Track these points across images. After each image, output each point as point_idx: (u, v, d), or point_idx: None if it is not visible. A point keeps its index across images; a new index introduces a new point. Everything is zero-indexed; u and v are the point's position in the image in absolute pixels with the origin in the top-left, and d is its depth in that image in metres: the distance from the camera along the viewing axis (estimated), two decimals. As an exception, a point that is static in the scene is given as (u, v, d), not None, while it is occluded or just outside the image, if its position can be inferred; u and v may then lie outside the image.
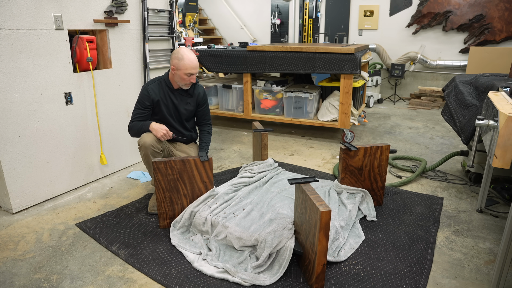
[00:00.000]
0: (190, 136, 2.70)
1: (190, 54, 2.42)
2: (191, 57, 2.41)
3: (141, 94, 2.52)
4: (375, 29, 6.54)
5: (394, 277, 1.86)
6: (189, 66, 2.40)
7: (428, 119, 5.18)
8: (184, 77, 2.43)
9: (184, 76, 2.43)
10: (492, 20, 5.66)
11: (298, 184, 1.89)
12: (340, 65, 3.69)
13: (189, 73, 2.42)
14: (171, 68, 2.46)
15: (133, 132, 2.53)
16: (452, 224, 2.39)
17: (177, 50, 2.45)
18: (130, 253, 2.06)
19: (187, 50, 2.44)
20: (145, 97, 2.49)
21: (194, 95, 2.62)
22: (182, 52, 2.41)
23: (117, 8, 2.98)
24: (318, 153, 3.76)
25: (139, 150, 2.44)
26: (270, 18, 7.31)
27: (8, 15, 2.32)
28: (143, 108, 2.50)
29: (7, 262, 2.02)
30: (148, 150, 2.37)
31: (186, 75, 2.42)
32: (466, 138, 2.56)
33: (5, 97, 2.37)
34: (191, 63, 2.40)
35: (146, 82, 2.58)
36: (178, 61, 2.40)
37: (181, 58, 2.39)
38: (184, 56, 2.39)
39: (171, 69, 2.47)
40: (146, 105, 2.49)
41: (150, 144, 2.36)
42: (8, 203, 2.52)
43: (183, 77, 2.43)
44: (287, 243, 1.86)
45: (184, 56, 2.39)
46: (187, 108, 2.61)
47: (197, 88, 2.64)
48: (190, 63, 2.40)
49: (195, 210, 2.24)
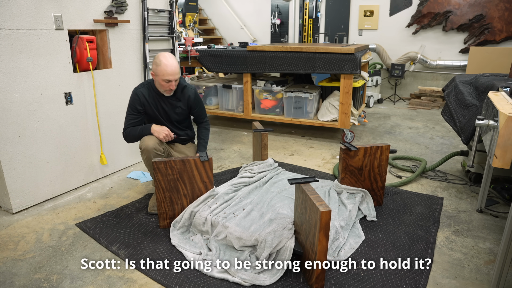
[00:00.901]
0: (186, 134, 2.66)
1: (169, 60, 2.31)
2: (169, 62, 2.30)
3: (131, 98, 2.45)
4: (375, 29, 6.54)
5: (394, 277, 1.86)
6: (166, 72, 2.29)
7: (428, 119, 5.18)
8: (163, 83, 2.34)
9: (162, 83, 2.34)
10: (492, 20, 5.66)
11: (298, 184, 1.89)
12: (340, 65, 3.69)
13: (167, 80, 2.31)
14: (151, 73, 2.38)
15: (129, 139, 2.48)
16: (452, 224, 2.39)
17: (157, 55, 2.35)
18: (130, 253, 2.06)
19: (167, 55, 2.34)
20: (136, 102, 2.43)
21: (184, 99, 2.53)
22: (161, 57, 2.31)
23: (117, 8, 2.98)
24: (318, 153, 3.76)
25: (141, 153, 2.42)
26: (270, 18, 7.31)
27: (8, 15, 2.32)
28: (136, 113, 2.44)
29: (7, 262, 2.02)
30: (151, 153, 2.35)
31: (164, 81, 2.32)
32: (466, 138, 2.56)
33: (5, 97, 2.37)
34: (168, 69, 2.29)
35: (136, 86, 2.51)
36: (156, 66, 2.31)
37: (159, 64, 2.29)
38: (162, 62, 2.29)
39: (152, 75, 2.39)
40: (138, 109, 2.44)
41: (153, 147, 2.34)
42: (8, 203, 2.52)
43: (162, 83, 2.34)
44: (287, 243, 1.86)
45: (161, 61, 2.29)
46: (177, 111, 2.53)
47: (186, 91, 2.53)
48: (167, 69, 2.29)
49: (195, 210, 2.24)
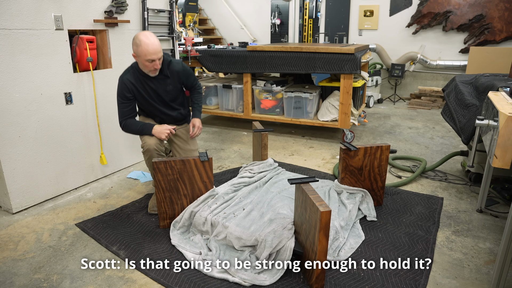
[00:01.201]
0: (179, 114, 2.58)
1: (150, 38, 2.20)
2: (150, 41, 2.19)
3: (119, 87, 2.37)
4: (375, 29, 6.54)
5: (394, 277, 1.86)
6: (147, 52, 2.19)
7: (428, 119, 5.18)
8: (146, 64, 2.24)
9: (145, 63, 2.24)
10: (492, 20, 5.66)
11: (298, 184, 1.89)
12: (340, 65, 3.69)
13: (150, 59, 2.22)
14: (132, 55, 2.29)
15: (128, 131, 2.43)
16: (452, 224, 2.39)
17: (135, 35, 2.24)
18: (130, 253, 2.06)
19: (147, 33, 2.23)
20: (124, 90, 2.35)
21: (173, 75, 2.44)
22: (140, 37, 2.20)
23: (117, 8, 2.98)
24: (318, 153, 3.76)
25: (143, 153, 2.42)
26: (270, 18, 7.31)
27: (8, 15, 2.32)
28: (126, 101, 2.37)
29: (7, 262, 2.02)
30: (153, 153, 2.35)
31: (147, 61, 2.23)
32: (466, 138, 2.56)
33: (5, 97, 2.37)
34: (149, 48, 2.18)
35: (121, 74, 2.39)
36: (136, 47, 2.21)
37: (139, 44, 2.19)
38: (142, 41, 2.18)
39: (133, 56, 2.29)
40: (128, 97, 2.36)
41: (154, 148, 2.35)
42: (8, 203, 2.52)
43: (145, 64, 2.24)
44: (287, 243, 1.86)
45: (142, 41, 2.18)
46: (168, 89, 2.44)
47: (173, 67, 2.43)
48: (148, 49, 2.18)
49: (195, 210, 2.24)
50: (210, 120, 5.15)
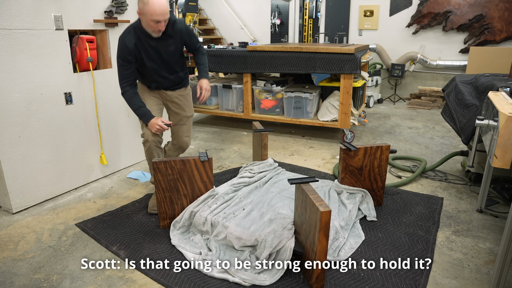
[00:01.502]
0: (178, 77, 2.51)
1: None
2: (158, 1, 2.09)
3: (120, 49, 2.23)
4: (375, 29, 6.54)
5: (394, 277, 1.86)
6: (154, 12, 2.09)
7: (428, 119, 5.18)
8: (151, 24, 2.15)
9: (150, 23, 2.14)
10: (492, 20, 5.66)
11: (298, 184, 1.89)
12: (340, 65, 3.69)
13: (156, 20, 2.12)
14: (137, 12, 2.17)
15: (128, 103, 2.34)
16: (452, 224, 2.39)
17: None
18: (130, 253, 2.06)
19: None
20: (126, 52, 2.22)
21: (176, 34, 2.34)
22: None
23: (117, 8, 2.98)
24: (318, 153, 3.76)
25: (143, 144, 2.45)
26: (270, 18, 7.31)
27: (8, 15, 2.32)
28: (127, 64, 2.24)
29: (7, 262, 2.02)
30: (151, 144, 2.40)
31: (152, 21, 2.13)
32: (466, 138, 2.56)
33: (5, 97, 2.37)
34: (156, 8, 2.09)
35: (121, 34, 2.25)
36: (143, 5, 2.11)
37: (146, 2, 2.09)
38: (150, 0, 2.08)
39: (138, 13, 2.18)
40: (129, 59, 2.23)
41: (152, 139, 2.40)
42: (8, 203, 2.52)
43: (150, 23, 2.15)
44: (287, 243, 1.86)
45: (149, 2, 2.09)
46: (171, 49, 2.34)
47: (176, 25, 2.34)
48: (155, 8, 2.08)
49: (195, 210, 2.24)
50: (210, 120, 5.15)
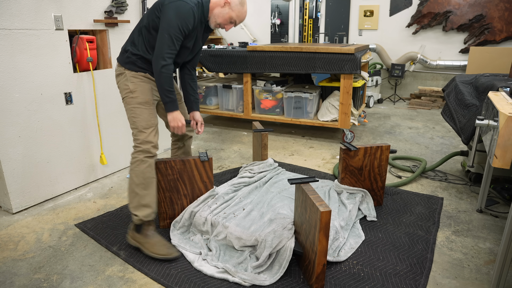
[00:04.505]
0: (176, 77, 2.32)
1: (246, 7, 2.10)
2: (246, 9, 2.09)
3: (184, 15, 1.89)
4: (375, 29, 6.54)
5: (394, 277, 1.86)
6: (242, 15, 2.06)
7: (428, 119, 5.18)
8: (227, 19, 2.04)
9: (227, 19, 2.04)
10: (492, 20, 5.66)
11: (298, 184, 1.89)
12: (340, 65, 3.69)
13: (234, 21, 2.07)
14: (225, 1, 2.01)
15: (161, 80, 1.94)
16: (452, 224, 2.39)
17: None
18: (130, 253, 2.06)
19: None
20: (190, 22, 1.92)
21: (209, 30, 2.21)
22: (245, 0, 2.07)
23: (117, 8, 2.98)
24: (318, 153, 3.76)
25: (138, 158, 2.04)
26: (270, 18, 7.31)
27: (8, 15, 2.32)
28: (182, 37, 1.93)
29: (7, 262, 2.02)
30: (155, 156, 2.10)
31: (230, 20, 2.05)
32: (466, 138, 2.56)
33: (5, 97, 2.37)
34: (245, 14, 2.08)
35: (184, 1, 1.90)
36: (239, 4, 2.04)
37: (243, 4, 2.04)
38: (245, 6, 2.05)
39: (224, 2, 2.01)
40: (186, 32, 1.94)
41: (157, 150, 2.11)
42: (8, 203, 2.52)
43: (227, 18, 2.04)
44: (287, 243, 1.86)
45: (245, 5, 2.05)
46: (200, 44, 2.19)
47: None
48: (244, 13, 2.07)
49: (195, 210, 2.24)
50: (210, 120, 5.15)
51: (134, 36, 2.05)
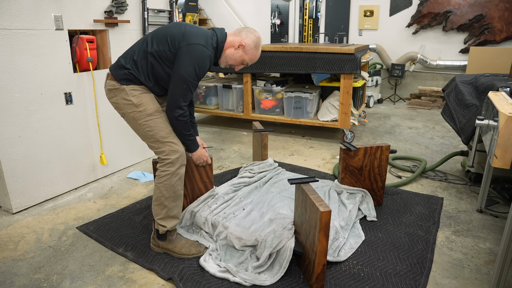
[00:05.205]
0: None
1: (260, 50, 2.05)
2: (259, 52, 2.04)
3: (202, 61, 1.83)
4: (375, 29, 6.54)
5: (394, 277, 1.86)
6: (254, 58, 2.00)
7: (428, 119, 5.18)
8: (238, 61, 1.99)
9: (239, 60, 1.98)
10: (492, 20, 5.66)
11: (298, 184, 1.89)
12: (340, 65, 3.69)
13: (246, 63, 2.01)
14: (240, 43, 1.94)
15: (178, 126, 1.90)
16: (452, 224, 2.39)
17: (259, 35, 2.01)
18: (137, 254, 2.06)
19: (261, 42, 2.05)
20: (206, 67, 1.88)
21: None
22: (260, 42, 2.00)
23: (117, 8, 2.98)
24: (318, 153, 3.76)
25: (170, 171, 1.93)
26: (270, 18, 7.31)
27: (8, 15, 2.32)
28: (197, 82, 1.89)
29: (7, 262, 2.02)
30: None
31: (243, 61, 1.99)
32: (466, 138, 2.56)
33: (5, 97, 2.37)
34: (257, 57, 2.03)
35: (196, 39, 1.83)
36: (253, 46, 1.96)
37: (258, 47, 1.98)
38: (259, 48, 2.00)
39: (239, 44, 1.94)
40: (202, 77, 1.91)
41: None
42: (8, 203, 2.52)
43: (239, 60, 1.98)
44: (287, 243, 1.86)
45: (259, 47, 2.00)
46: None
47: None
48: (257, 56, 2.02)
49: (195, 210, 2.24)
50: (210, 120, 5.15)
51: (137, 56, 1.90)
